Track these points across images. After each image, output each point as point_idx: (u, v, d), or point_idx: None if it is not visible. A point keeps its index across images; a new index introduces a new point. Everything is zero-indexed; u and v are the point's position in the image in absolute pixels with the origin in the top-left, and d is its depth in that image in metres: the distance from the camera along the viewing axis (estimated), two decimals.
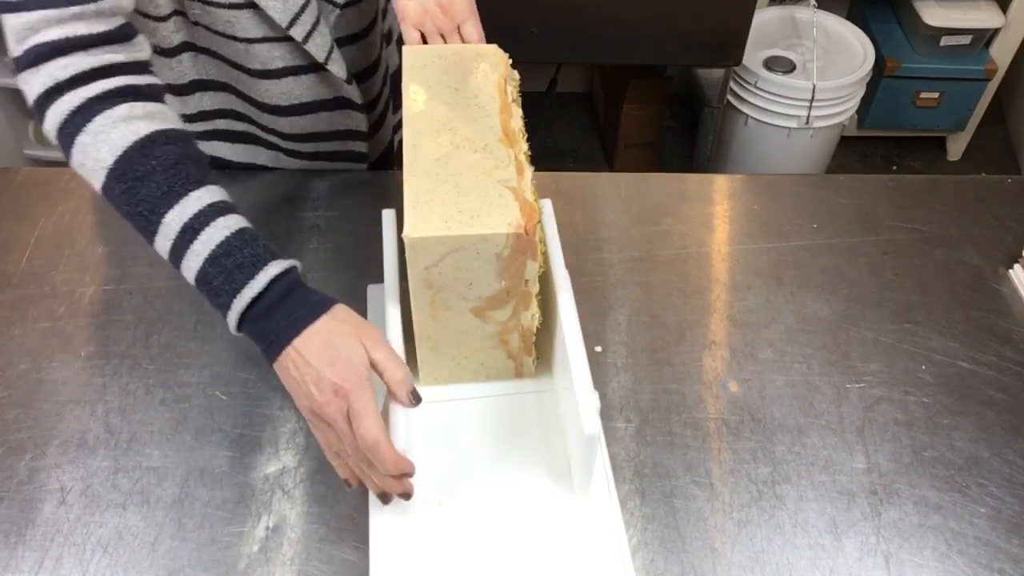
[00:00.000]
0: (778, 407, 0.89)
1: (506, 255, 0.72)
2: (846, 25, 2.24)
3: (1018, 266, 1.02)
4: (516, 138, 0.77)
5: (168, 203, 0.70)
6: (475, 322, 0.78)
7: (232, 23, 0.91)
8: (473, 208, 0.71)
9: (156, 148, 0.71)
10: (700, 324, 0.96)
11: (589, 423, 0.70)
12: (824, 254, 1.04)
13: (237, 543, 0.77)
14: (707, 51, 1.94)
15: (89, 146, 0.71)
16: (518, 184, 0.73)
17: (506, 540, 0.75)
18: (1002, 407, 0.89)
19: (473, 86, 0.81)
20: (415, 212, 0.70)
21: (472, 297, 0.75)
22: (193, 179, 0.72)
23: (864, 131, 2.51)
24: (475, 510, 0.77)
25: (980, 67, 2.30)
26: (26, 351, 0.91)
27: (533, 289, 0.76)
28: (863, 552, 0.78)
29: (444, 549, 0.74)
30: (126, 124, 0.71)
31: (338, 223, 1.05)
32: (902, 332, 0.96)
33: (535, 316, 0.79)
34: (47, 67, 0.70)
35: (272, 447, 0.84)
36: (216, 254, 0.70)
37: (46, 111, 0.71)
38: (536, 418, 0.83)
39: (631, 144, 2.40)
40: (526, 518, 0.77)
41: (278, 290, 0.70)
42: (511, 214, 0.71)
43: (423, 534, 0.75)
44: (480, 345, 0.80)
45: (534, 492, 0.78)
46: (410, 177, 0.73)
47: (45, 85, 0.71)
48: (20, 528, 0.78)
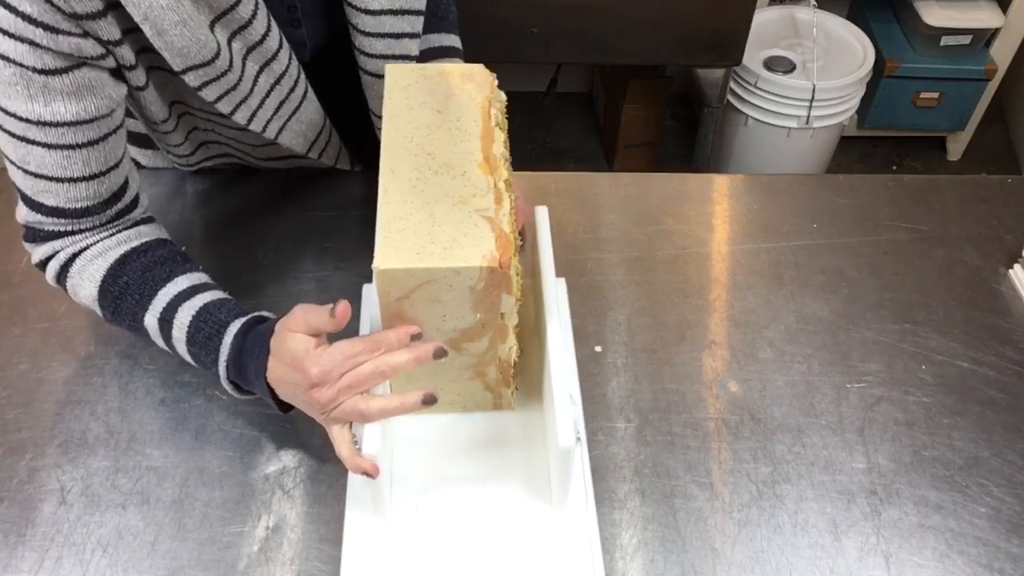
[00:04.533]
0: (778, 407, 0.89)
1: (480, 288, 0.69)
2: (846, 25, 2.24)
3: (1018, 266, 1.02)
4: (496, 164, 0.74)
5: (143, 308, 0.78)
6: (450, 353, 0.74)
7: (243, 136, 0.94)
8: (446, 239, 0.67)
9: (127, 266, 0.79)
10: (700, 324, 0.96)
11: (565, 435, 0.69)
12: (824, 254, 1.04)
13: (237, 543, 0.77)
14: (707, 51, 1.94)
15: (79, 287, 0.80)
16: (495, 214, 0.70)
17: (480, 546, 0.75)
18: (1002, 407, 0.89)
19: (456, 108, 0.78)
20: (386, 242, 0.67)
21: (447, 329, 0.72)
22: (160, 279, 0.79)
23: (864, 131, 2.51)
24: (451, 516, 0.77)
25: (980, 67, 2.29)
26: (26, 351, 0.91)
27: (510, 322, 0.74)
28: (863, 552, 0.78)
29: (417, 553, 0.74)
30: (100, 258, 0.79)
31: (338, 223, 1.05)
32: (902, 332, 0.96)
33: (512, 348, 0.77)
34: (50, 243, 0.79)
35: (272, 447, 0.84)
36: (190, 334, 0.77)
37: (45, 271, 0.82)
38: (519, 430, 0.83)
39: (631, 144, 2.40)
40: (502, 525, 0.77)
41: (237, 341, 0.75)
42: (486, 246, 0.67)
43: (397, 537, 0.75)
44: (456, 376, 0.78)
45: (512, 501, 0.78)
46: (384, 204, 0.69)
47: (46, 254, 0.80)
48: (20, 528, 0.78)
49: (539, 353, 0.83)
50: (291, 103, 0.88)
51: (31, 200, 0.76)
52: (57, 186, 0.75)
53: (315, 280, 0.98)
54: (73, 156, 0.73)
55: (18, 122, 0.70)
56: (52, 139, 0.72)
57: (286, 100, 0.87)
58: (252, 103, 0.83)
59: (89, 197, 0.77)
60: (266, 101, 0.84)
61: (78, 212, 0.77)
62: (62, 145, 0.72)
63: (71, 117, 0.71)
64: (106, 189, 0.77)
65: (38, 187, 0.75)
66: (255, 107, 0.84)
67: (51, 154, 0.73)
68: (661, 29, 1.89)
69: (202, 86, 0.77)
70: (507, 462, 0.81)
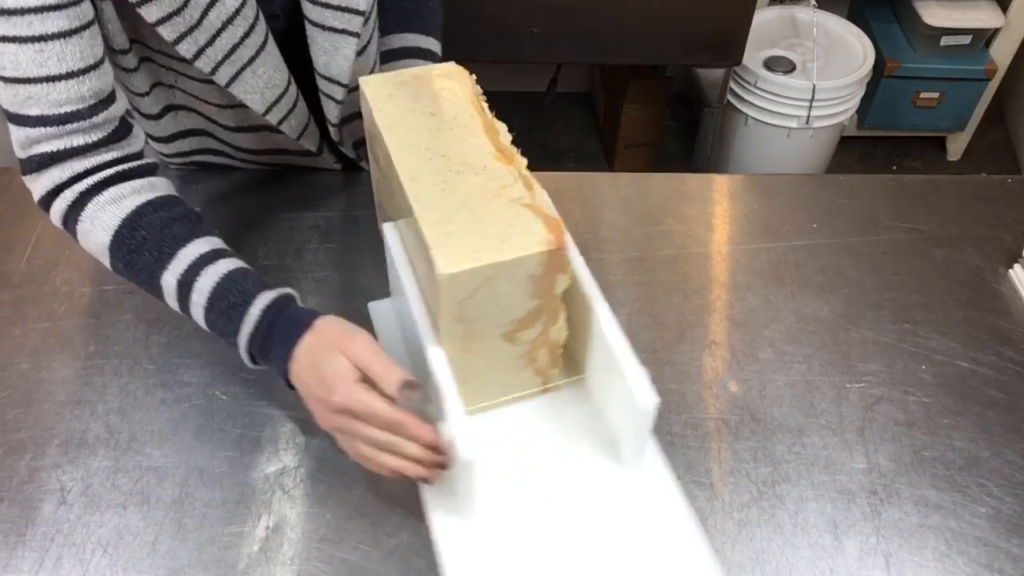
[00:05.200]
0: (778, 407, 0.89)
1: (539, 273, 0.69)
2: (846, 25, 2.24)
3: (1018, 266, 1.02)
4: (511, 154, 0.75)
5: (162, 266, 0.77)
6: (505, 346, 0.76)
7: (205, 93, 0.93)
8: (497, 233, 0.68)
9: (144, 219, 0.78)
10: (700, 324, 0.96)
11: (644, 397, 0.71)
12: (824, 254, 1.04)
13: (237, 543, 0.77)
14: (707, 51, 1.94)
15: (89, 232, 0.79)
16: (532, 200, 0.71)
17: (573, 526, 0.76)
18: (1002, 407, 0.89)
19: (448, 107, 0.78)
20: (440, 248, 0.66)
21: (504, 322, 0.73)
22: (180, 238, 0.78)
23: (864, 131, 2.51)
24: (535, 504, 0.77)
25: (980, 67, 2.30)
26: (26, 351, 0.91)
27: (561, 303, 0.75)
28: (863, 552, 0.78)
29: (516, 547, 0.75)
30: (114, 205, 0.78)
31: (338, 223, 1.05)
32: (902, 332, 0.96)
33: (562, 329, 0.78)
34: (47, 173, 0.78)
35: (272, 447, 0.84)
36: (212, 300, 0.76)
37: (49, 209, 0.80)
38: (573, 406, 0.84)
39: (631, 144, 2.40)
40: (585, 500, 0.78)
41: (268, 318, 0.75)
42: (538, 231, 0.68)
43: (490, 536, 0.75)
44: (509, 367, 0.79)
45: (587, 474, 0.79)
46: (421, 212, 0.69)
47: (46, 188, 0.78)
48: (20, 528, 0.78)
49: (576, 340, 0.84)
50: (246, 50, 0.85)
51: (16, 115, 0.75)
52: (36, 88, 0.73)
53: (315, 280, 0.98)
54: (46, 50, 0.71)
55: None
56: (21, 30, 0.70)
57: (240, 44, 0.84)
58: (199, 37, 0.81)
59: (71, 100, 0.74)
60: (216, 40, 0.82)
61: (62, 117, 0.75)
62: (32, 37, 0.71)
63: (35, 2, 0.69)
64: (88, 91, 0.75)
65: (19, 96, 0.73)
66: (203, 42, 0.81)
67: (23, 50, 0.71)
68: (661, 29, 1.89)
69: (142, 2, 0.76)
70: (571, 437, 0.81)
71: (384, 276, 0.99)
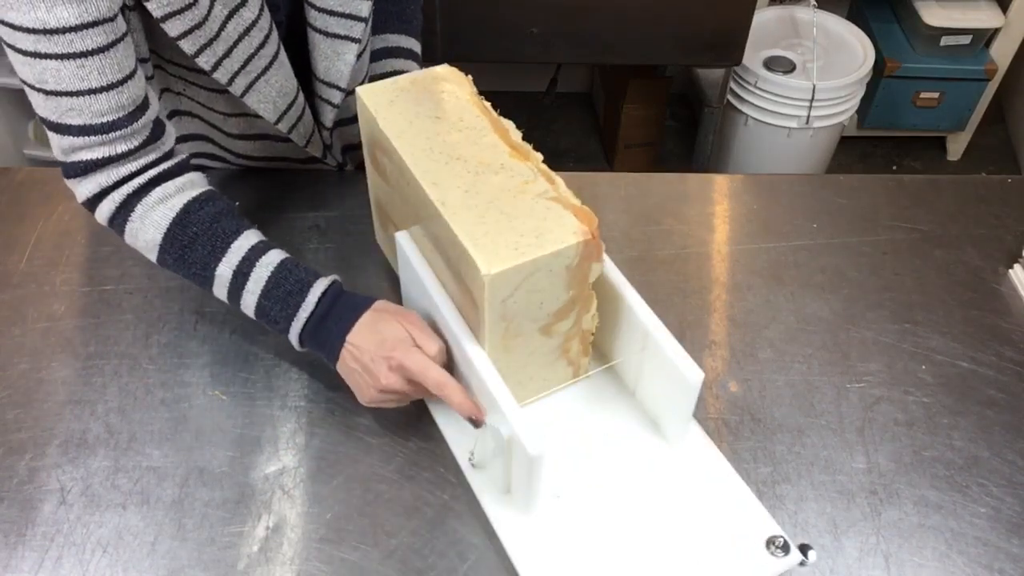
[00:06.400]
0: (778, 407, 0.89)
1: (575, 264, 0.70)
2: (846, 25, 2.24)
3: (1018, 266, 1.02)
4: (526, 150, 0.75)
5: (216, 258, 0.82)
6: (542, 339, 0.77)
7: (212, 101, 0.94)
8: (532, 229, 0.69)
9: (192, 216, 0.82)
10: (700, 324, 0.96)
11: (691, 372, 0.73)
12: (824, 254, 1.04)
13: (237, 543, 0.77)
14: (707, 51, 1.94)
15: (139, 231, 0.82)
16: (557, 192, 0.72)
17: (637, 506, 0.78)
18: (1002, 407, 0.89)
19: (452, 110, 0.79)
20: (479, 249, 0.67)
21: (542, 315, 0.74)
22: (231, 232, 0.82)
23: (864, 131, 2.51)
24: (591, 492, 0.78)
25: (980, 67, 2.30)
26: (26, 351, 0.91)
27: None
28: (863, 552, 0.78)
29: (580, 537, 0.76)
30: (163, 204, 0.82)
31: (338, 223, 1.05)
32: (902, 332, 0.96)
33: (594, 317, 0.79)
34: (92, 177, 0.80)
35: (272, 447, 0.84)
36: (268, 288, 0.81)
37: (95, 210, 0.83)
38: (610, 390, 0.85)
39: (631, 144, 2.40)
40: (642, 480, 0.80)
41: (326, 303, 0.80)
42: (570, 223, 0.69)
43: (551, 529, 0.76)
44: (544, 361, 0.80)
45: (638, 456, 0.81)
46: (452, 216, 0.70)
47: (92, 191, 0.81)
48: (20, 528, 0.78)
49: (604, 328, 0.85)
50: (261, 60, 0.87)
51: (58, 125, 0.77)
52: (78, 101, 0.75)
53: None
54: (87, 65, 0.74)
55: (27, 36, 0.71)
56: (62, 48, 0.72)
57: (255, 55, 0.86)
58: (218, 49, 0.83)
59: (112, 110, 0.77)
60: (234, 51, 0.84)
61: (106, 127, 0.77)
62: (73, 54, 0.73)
63: (75, 21, 0.72)
64: (127, 99, 0.78)
65: (61, 107, 0.76)
66: (221, 54, 0.83)
67: (65, 65, 0.73)
68: (661, 29, 1.89)
69: (166, 17, 0.78)
70: (613, 421, 0.83)
71: (384, 277, 0.99)
